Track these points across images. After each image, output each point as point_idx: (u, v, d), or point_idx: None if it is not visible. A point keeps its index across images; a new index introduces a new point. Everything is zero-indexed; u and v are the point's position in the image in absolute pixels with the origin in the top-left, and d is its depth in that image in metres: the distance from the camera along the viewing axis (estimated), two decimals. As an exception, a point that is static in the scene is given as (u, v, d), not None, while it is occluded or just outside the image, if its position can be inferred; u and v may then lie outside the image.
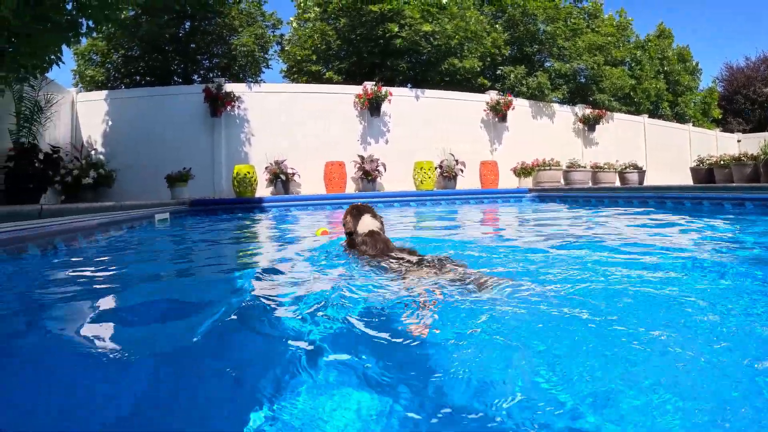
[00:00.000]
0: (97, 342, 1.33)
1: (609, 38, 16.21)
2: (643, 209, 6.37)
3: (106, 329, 1.47)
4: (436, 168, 10.99)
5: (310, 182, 10.68)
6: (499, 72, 13.98)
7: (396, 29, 12.05)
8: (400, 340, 1.23)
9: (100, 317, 1.63)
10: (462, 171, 11.25)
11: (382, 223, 2.33)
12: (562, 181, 12.82)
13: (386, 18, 12.19)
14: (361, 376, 1.04)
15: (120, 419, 0.92)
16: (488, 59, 13.50)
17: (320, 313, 1.44)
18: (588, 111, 13.80)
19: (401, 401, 0.93)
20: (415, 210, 8.28)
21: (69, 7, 6.22)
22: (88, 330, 1.45)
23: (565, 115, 13.77)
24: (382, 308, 1.47)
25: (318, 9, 12.67)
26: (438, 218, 6.36)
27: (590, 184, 13.09)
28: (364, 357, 1.14)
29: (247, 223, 6.58)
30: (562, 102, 14.24)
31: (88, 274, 2.50)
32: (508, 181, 12.17)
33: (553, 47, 14.70)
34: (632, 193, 8.04)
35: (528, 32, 14.46)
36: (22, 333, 1.55)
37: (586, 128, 13.89)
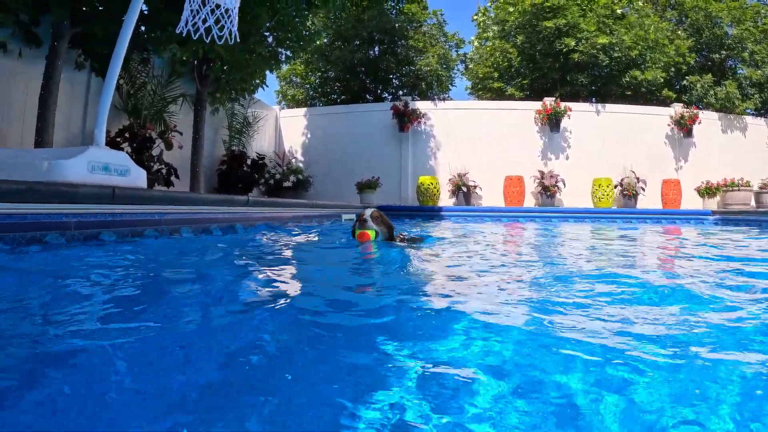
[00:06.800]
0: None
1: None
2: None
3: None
4: (615, 186, 10.81)
5: (490, 195, 11.23)
6: (684, 82, 13.08)
7: (573, 44, 12.03)
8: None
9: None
10: (643, 189, 10.89)
11: None
12: (753, 204, 11.63)
13: (562, 33, 12.23)
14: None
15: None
16: (672, 69, 12.73)
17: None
18: (786, 123, 12.27)
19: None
20: (590, 227, 8.00)
21: (270, 40, 7.57)
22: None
23: (759, 129, 12.39)
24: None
25: (496, 28, 13.16)
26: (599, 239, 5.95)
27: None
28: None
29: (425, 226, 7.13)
30: (756, 114, 12.84)
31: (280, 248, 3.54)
32: (692, 201, 11.44)
33: (743, 52, 13.32)
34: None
35: (714, 37, 13.30)
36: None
37: (783, 143, 12.36)
